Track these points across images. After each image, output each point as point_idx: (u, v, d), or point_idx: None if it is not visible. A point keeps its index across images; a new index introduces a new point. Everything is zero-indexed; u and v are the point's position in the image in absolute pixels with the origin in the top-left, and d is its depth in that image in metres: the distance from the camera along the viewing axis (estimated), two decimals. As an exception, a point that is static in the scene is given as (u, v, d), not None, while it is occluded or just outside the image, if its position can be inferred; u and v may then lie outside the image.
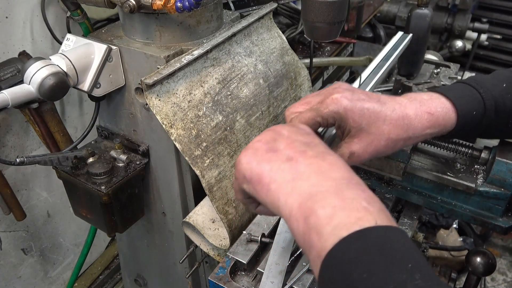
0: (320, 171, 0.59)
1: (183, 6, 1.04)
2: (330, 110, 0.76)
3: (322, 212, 0.54)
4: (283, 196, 0.59)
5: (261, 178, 0.62)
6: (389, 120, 0.77)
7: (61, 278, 1.99)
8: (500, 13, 3.35)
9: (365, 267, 0.48)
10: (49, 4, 1.53)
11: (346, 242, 0.50)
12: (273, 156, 0.63)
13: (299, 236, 0.57)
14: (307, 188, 0.57)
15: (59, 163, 1.23)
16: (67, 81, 1.09)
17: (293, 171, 0.60)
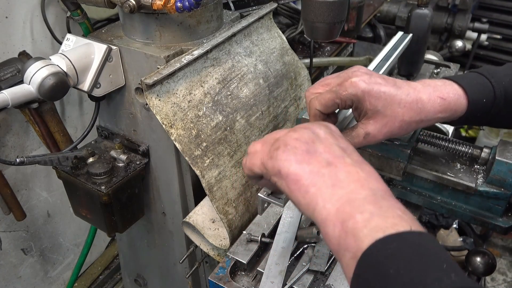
0: (359, 180, 0.62)
1: (183, 6, 1.04)
2: (349, 93, 0.80)
3: (359, 217, 0.56)
4: (322, 200, 0.61)
5: (299, 179, 0.64)
6: (404, 103, 0.81)
7: (61, 278, 1.99)
8: (500, 13, 3.35)
9: (402, 264, 0.50)
10: (49, 4, 1.53)
11: (382, 242, 0.52)
12: (312, 158, 0.65)
13: (334, 240, 0.58)
14: (346, 194, 0.60)
15: (59, 163, 1.23)
16: (67, 81, 1.09)
17: (333, 177, 0.62)
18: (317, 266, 1.00)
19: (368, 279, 0.53)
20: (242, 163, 0.77)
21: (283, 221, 1.11)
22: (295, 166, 0.65)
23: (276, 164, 0.67)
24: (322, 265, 1.00)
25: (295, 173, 0.64)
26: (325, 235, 0.61)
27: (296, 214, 1.13)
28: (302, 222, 1.12)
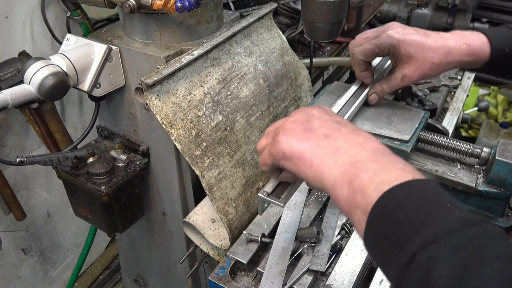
0: (357, 144, 0.67)
1: (183, 6, 1.04)
2: (386, 43, 0.97)
3: (364, 175, 0.60)
4: (327, 168, 0.65)
5: (302, 155, 0.69)
6: (433, 49, 0.96)
7: (61, 278, 1.99)
8: (500, 13, 3.35)
9: (410, 209, 0.54)
10: (49, 4, 1.53)
11: (389, 193, 0.57)
12: (310, 134, 0.70)
13: (343, 201, 0.62)
14: (348, 158, 0.64)
15: (59, 163, 1.23)
16: (67, 81, 1.09)
17: (332, 146, 0.67)
18: (317, 266, 1.00)
19: (379, 228, 0.56)
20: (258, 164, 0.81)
21: (283, 221, 1.11)
22: (297, 145, 0.70)
23: (279, 148, 0.72)
24: (322, 265, 1.00)
25: (297, 150, 0.69)
26: (335, 199, 0.64)
27: (296, 214, 1.13)
28: (302, 222, 1.12)
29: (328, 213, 1.15)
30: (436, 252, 0.49)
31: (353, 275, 0.98)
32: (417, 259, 0.50)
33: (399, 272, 0.52)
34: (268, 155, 0.76)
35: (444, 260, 0.48)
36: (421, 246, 0.51)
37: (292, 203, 1.16)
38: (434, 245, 0.50)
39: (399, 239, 0.53)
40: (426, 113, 1.19)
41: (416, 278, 0.50)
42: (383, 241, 0.56)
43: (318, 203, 1.19)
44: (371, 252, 0.60)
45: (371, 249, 0.60)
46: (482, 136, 3.13)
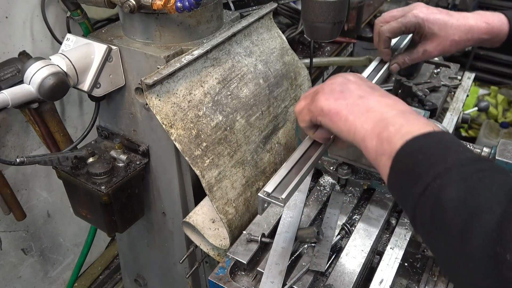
0: (387, 105, 0.76)
1: (183, 6, 1.04)
2: (412, 22, 1.06)
3: (392, 128, 0.70)
4: (359, 123, 0.75)
5: (339, 111, 0.78)
6: (454, 26, 1.04)
7: (61, 278, 1.99)
8: (500, 13, 3.34)
9: (428, 152, 0.64)
10: (49, 4, 1.53)
11: (411, 141, 0.66)
12: (347, 95, 0.80)
13: (372, 150, 0.72)
14: (379, 115, 0.74)
15: (59, 163, 1.23)
16: (67, 81, 1.09)
17: (366, 105, 0.76)
18: (317, 266, 1.00)
19: (401, 169, 0.66)
20: (298, 121, 0.92)
21: (283, 221, 1.11)
22: (334, 103, 0.79)
23: (318, 105, 0.82)
24: (322, 265, 1.00)
25: (335, 107, 0.79)
26: (364, 149, 0.74)
27: (296, 214, 1.13)
28: (302, 222, 1.12)
29: (328, 213, 1.15)
30: (446, 181, 0.59)
31: (353, 275, 0.98)
32: (430, 187, 0.60)
33: (415, 200, 0.62)
34: (307, 112, 0.86)
35: (453, 187, 0.58)
36: (434, 177, 0.60)
37: (292, 203, 1.16)
38: (445, 176, 0.60)
39: (416, 174, 0.63)
40: (426, 113, 1.19)
41: (429, 203, 0.60)
42: (403, 178, 0.66)
43: (318, 203, 1.19)
44: (393, 190, 0.70)
45: (393, 188, 0.70)
46: (482, 136, 3.13)
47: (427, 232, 0.63)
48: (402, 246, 1.06)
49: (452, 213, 0.56)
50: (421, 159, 0.64)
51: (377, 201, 1.17)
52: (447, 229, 0.57)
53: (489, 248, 0.52)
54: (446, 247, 0.58)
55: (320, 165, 1.23)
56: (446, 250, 0.59)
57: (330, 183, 1.24)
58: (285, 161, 0.94)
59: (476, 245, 0.53)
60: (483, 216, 0.54)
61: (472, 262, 0.54)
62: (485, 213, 0.54)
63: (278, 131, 1.37)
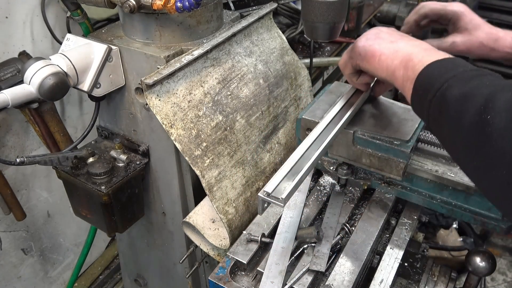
0: (414, 46, 0.89)
1: (183, 6, 1.04)
2: (454, 10, 1.14)
3: (415, 59, 0.84)
4: (390, 60, 0.90)
5: (373, 53, 0.94)
6: (486, 32, 1.12)
7: (61, 278, 1.99)
8: (500, 13, 3.34)
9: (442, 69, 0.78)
10: (49, 4, 1.53)
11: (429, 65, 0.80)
12: (380, 40, 0.95)
13: (400, 79, 0.87)
14: (406, 53, 0.88)
15: (59, 163, 1.23)
16: (67, 81, 1.09)
17: (395, 47, 0.91)
18: (317, 266, 1.00)
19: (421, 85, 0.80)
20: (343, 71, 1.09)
21: (283, 221, 1.11)
22: (369, 47, 0.96)
23: (357, 51, 0.99)
24: (322, 265, 1.00)
25: (370, 50, 0.95)
26: (394, 80, 0.89)
27: (296, 214, 1.13)
28: (302, 222, 1.12)
29: (328, 213, 1.15)
30: (451, 83, 0.73)
31: (353, 275, 0.98)
32: (439, 91, 0.74)
33: (428, 104, 0.76)
34: (348, 59, 1.04)
35: (456, 86, 0.72)
36: (443, 83, 0.74)
37: (292, 203, 1.16)
38: (451, 80, 0.74)
39: (430, 85, 0.77)
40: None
41: (437, 103, 0.74)
42: (421, 92, 0.79)
43: (318, 203, 1.19)
44: (415, 106, 0.83)
45: (415, 104, 0.83)
46: (482, 136, 3.12)
47: (436, 125, 0.77)
48: (402, 246, 1.07)
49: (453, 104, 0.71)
50: (435, 74, 0.78)
51: (377, 201, 1.17)
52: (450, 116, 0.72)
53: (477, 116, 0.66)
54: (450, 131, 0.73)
55: (320, 165, 1.23)
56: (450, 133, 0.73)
57: (330, 183, 1.24)
58: (285, 161, 0.94)
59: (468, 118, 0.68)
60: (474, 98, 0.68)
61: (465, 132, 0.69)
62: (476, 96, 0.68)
63: (278, 131, 1.37)
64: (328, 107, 1.17)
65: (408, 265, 1.14)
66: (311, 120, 1.15)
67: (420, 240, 1.28)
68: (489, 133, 0.64)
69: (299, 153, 0.96)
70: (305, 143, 0.99)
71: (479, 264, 1.07)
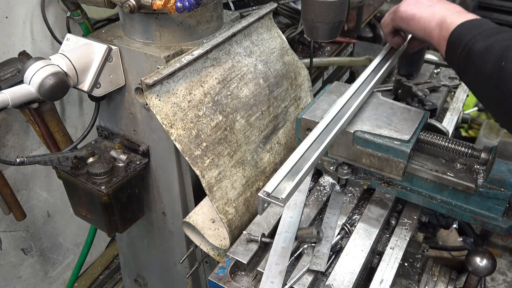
0: (448, 9, 1.02)
1: (183, 6, 1.04)
2: None
3: (449, 20, 0.97)
4: (428, 23, 1.04)
5: (413, 16, 1.08)
6: None
7: (61, 278, 1.99)
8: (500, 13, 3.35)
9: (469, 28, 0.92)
10: (49, 4, 1.53)
11: (460, 25, 0.95)
12: (419, 5, 1.08)
13: (436, 37, 1.01)
14: (441, 15, 1.01)
15: (59, 163, 1.23)
16: (67, 81, 1.09)
17: (432, 10, 1.04)
18: (317, 266, 1.00)
19: (453, 41, 0.94)
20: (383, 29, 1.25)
21: (283, 221, 1.11)
22: (410, 11, 1.09)
23: (398, 14, 1.12)
24: (322, 265, 1.00)
25: (411, 13, 1.09)
26: (431, 39, 1.03)
27: (296, 214, 1.13)
28: (302, 222, 1.12)
29: (328, 213, 1.15)
30: (477, 38, 0.88)
31: (353, 275, 0.98)
32: (467, 45, 0.89)
33: (458, 59, 0.91)
34: (390, 21, 1.19)
35: (480, 41, 0.87)
36: (470, 39, 0.89)
37: (292, 203, 1.16)
38: (477, 36, 0.88)
39: (460, 41, 0.91)
40: (426, 113, 1.19)
41: (465, 55, 0.89)
42: (453, 47, 0.94)
43: (318, 203, 1.19)
44: (449, 60, 0.98)
45: (448, 57, 0.97)
46: (482, 136, 3.13)
47: (465, 75, 0.92)
48: (402, 246, 1.07)
49: (477, 56, 0.86)
50: (464, 32, 0.92)
51: (377, 201, 1.17)
52: (475, 65, 0.86)
53: (495, 64, 0.82)
54: (475, 77, 0.89)
55: (320, 165, 1.23)
56: (475, 79, 0.89)
57: (330, 183, 1.24)
58: (285, 161, 0.94)
59: (489, 66, 0.83)
60: (494, 49, 0.83)
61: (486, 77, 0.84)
62: (495, 48, 0.83)
63: (278, 131, 1.37)
64: (328, 107, 1.17)
65: (408, 265, 1.14)
66: (311, 120, 1.15)
67: (420, 240, 1.28)
68: (503, 77, 0.81)
69: (299, 153, 0.96)
70: (305, 143, 0.99)
71: (479, 264, 1.07)
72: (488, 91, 0.88)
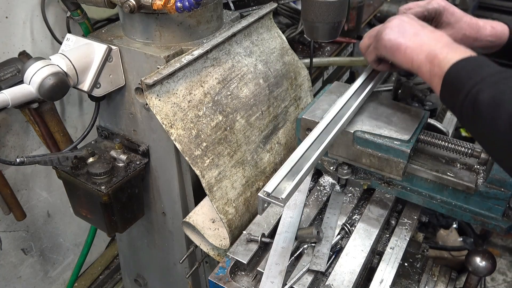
0: (436, 39, 0.96)
1: (183, 6, 1.04)
2: (434, 7, 1.16)
3: (440, 55, 0.91)
4: (415, 55, 0.96)
5: (399, 46, 1.00)
6: (468, 23, 1.16)
7: (61, 278, 1.99)
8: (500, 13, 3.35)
9: (467, 69, 0.86)
10: (49, 4, 1.53)
11: (455, 64, 0.88)
12: (404, 34, 1.01)
13: (427, 74, 0.94)
14: (430, 48, 0.95)
15: (59, 163, 1.23)
16: (67, 81, 1.09)
17: (419, 41, 0.98)
18: (317, 266, 1.00)
19: (449, 84, 0.88)
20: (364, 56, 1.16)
21: (283, 221, 1.11)
22: (395, 40, 1.01)
23: (382, 43, 1.04)
24: (322, 265, 1.00)
25: (396, 43, 1.01)
26: (421, 74, 0.96)
27: (296, 214, 1.13)
28: (302, 222, 1.12)
29: (328, 213, 1.15)
30: (481, 87, 0.81)
31: (353, 275, 0.98)
32: (470, 93, 0.82)
33: (461, 104, 0.84)
34: (373, 49, 1.10)
35: (486, 90, 0.80)
36: (473, 86, 0.82)
37: (292, 203, 1.16)
38: (480, 83, 0.81)
39: (460, 85, 0.84)
40: (426, 113, 1.19)
41: (470, 103, 0.82)
42: (452, 90, 0.87)
43: (318, 203, 1.19)
44: (445, 101, 0.92)
45: (445, 99, 0.91)
46: (482, 136, 3.12)
47: (471, 124, 0.86)
48: (402, 246, 1.07)
49: (485, 107, 0.79)
50: (463, 75, 0.85)
51: (377, 201, 1.17)
52: (483, 118, 0.80)
53: (509, 122, 0.75)
54: (484, 130, 0.83)
55: (320, 165, 1.23)
56: (484, 132, 0.83)
57: (330, 183, 1.24)
58: (285, 161, 0.94)
59: (502, 123, 0.77)
60: (504, 101, 0.77)
61: (500, 134, 0.78)
62: (506, 101, 0.77)
63: (278, 131, 1.37)
64: (328, 107, 1.17)
65: (408, 265, 1.14)
66: (311, 120, 1.15)
67: (420, 240, 1.28)
68: None
69: (299, 153, 0.96)
70: (305, 143, 0.99)
71: (479, 264, 1.07)
72: (501, 147, 0.81)
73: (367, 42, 1.14)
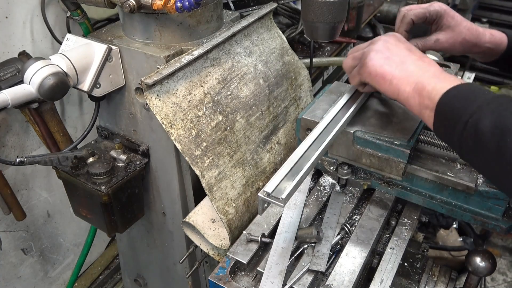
0: (423, 68, 0.92)
1: (183, 6, 1.04)
2: (436, 9, 1.16)
3: (429, 86, 0.87)
4: (402, 86, 0.92)
5: (384, 76, 0.95)
6: (467, 28, 1.16)
7: (61, 278, 1.99)
8: (500, 13, 3.35)
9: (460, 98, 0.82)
10: (49, 4, 1.53)
11: (446, 94, 0.84)
12: (390, 61, 0.96)
13: (416, 106, 0.90)
14: (417, 78, 0.90)
15: (59, 163, 1.23)
16: (67, 81, 1.09)
17: (406, 70, 0.93)
18: (317, 266, 1.00)
19: (443, 116, 0.84)
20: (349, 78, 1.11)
21: (283, 221, 1.11)
22: (380, 69, 0.96)
23: (366, 70, 0.99)
24: (322, 265, 1.00)
25: (381, 72, 0.96)
26: (408, 106, 0.92)
27: (296, 214, 1.13)
28: (302, 222, 1.12)
29: (328, 213, 1.15)
30: (480, 115, 0.77)
31: (353, 275, 0.98)
32: (469, 123, 0.78)
33: (459, 135, 0.80)
34: (357, 74, 1.04)
35: (486, 118, 0.76)
36: (470, 115, 0.78)
37: (292, 203, 1.16)
38: (478, 112, 0.78)
39: (456, 116, 0.81)
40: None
41: (470, 134, 0.78)
42: (446, 122, 0.83)
43: (318, 203, 1.19)
44: (440, 135, 0.88)
45: (440, 133, 0.87)
46: (482, 136, 3.12)
47: (472, 156, 0.82)
48: (402, 246, 1.07)
49: (489, 136, 0.75)
50: (457, 105, 0.82)
51: (377, 201, 1.17)
52: (487, 148, 0.76)
53: None
54: (488, 162, 0.78)
55: (320, 165, 1.23)
56: (488, 164, 0.79)
57: (330, 183, 1.24)
58: (285, 161, 0.94)
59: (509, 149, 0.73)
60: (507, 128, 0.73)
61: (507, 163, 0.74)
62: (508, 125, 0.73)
63: (278, 131, 1.37)
64: (328, 107, 1.17)
65: (408, 265, 1.14)
66: (311, 120, 1.15)
67: (420, 240, 1.28)
68: None
69: (299, 153, 0.96)
70: (305, 143, 0.99)
71: (479, 264, 1.07)
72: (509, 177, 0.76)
73: (351, 64, 1.08)
